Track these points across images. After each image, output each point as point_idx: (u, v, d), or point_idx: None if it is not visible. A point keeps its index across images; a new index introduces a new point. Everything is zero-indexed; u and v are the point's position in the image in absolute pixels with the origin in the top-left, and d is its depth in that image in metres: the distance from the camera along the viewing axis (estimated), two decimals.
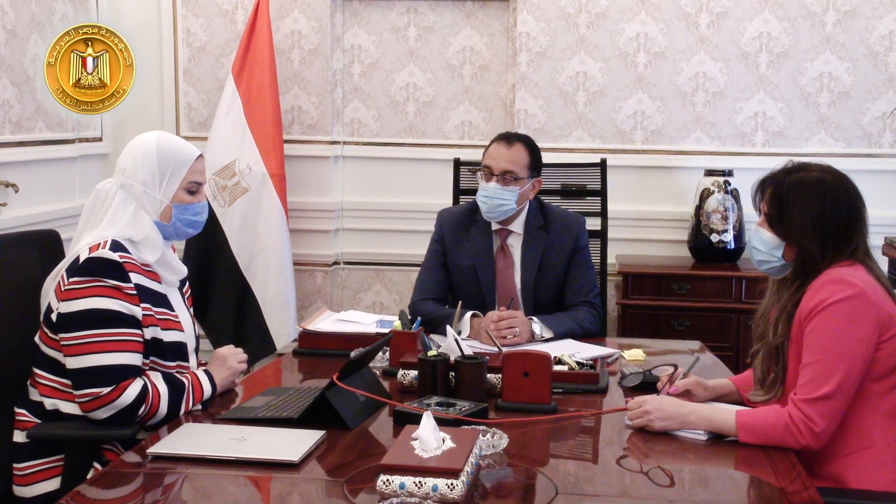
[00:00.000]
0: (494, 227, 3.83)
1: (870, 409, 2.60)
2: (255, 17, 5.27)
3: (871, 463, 2.57)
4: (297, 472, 2.37)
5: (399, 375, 3.06)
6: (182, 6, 5.58)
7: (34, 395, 2.88)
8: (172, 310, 2.94)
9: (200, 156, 3.01)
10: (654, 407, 2.67)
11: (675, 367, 2.95)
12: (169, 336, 2.89)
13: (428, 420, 2.27)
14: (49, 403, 2.84)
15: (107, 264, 2.77)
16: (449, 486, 2.13)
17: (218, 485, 2.34)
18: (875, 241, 4.54)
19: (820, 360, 2.55)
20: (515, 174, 3.72)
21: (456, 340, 2.96)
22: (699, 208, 5.12)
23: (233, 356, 3.08)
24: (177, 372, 2.89)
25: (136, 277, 2.81)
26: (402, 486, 2.14)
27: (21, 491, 2.84)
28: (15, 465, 2.86)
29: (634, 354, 3.43)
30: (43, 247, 3.19)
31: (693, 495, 2.38)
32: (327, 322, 3.68)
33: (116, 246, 2.80)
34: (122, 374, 2.73)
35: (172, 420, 2.78)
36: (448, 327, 3.10)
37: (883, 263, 4.49)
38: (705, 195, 5.11)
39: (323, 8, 5.47)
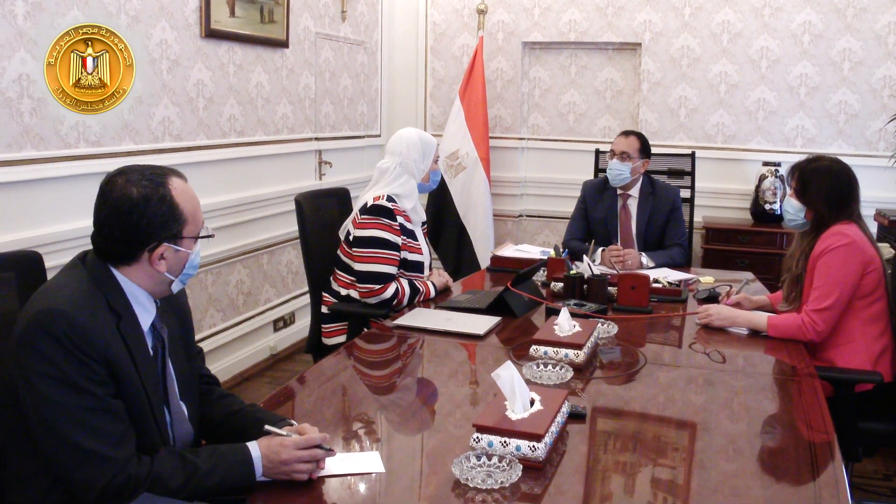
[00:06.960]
0: (619, 192, 3.72)
1: (854, 317, 2.53)
2: (474, 60, 5.26)
3: (852, 352, 2.52)
4: (482, 341, 2.43)
5: (551, 285, 3.06)
6: (430, 54, 5.62)
7: (334, 285, 3.03)
8: (416, 240, 3.01)
9: (437, 143, 3.09)
10: (714, 311, 2.64)
11: (731, 286, 2.95)
12: (412, 257, 2.97)
13: (564, 313, 2.27)
14: (343, 292, 2.99)
15: (384, 209, 2.87)
16: (575, 355, 2.13)
17: (434, 344, 2.44)
18: (870, 211, 4.36)
19: (824, 285, 2.50)
20: (629, 154, 3.61)
21: (588, 265, 2.94)
22: (758, 187, 4.87)
23: (443, 279, 3.10)
24: (416, 280, 2.96)
25: (399, 218, 2.90)
26: (545, 353, 2.16)
27: (326, 341, 3.03)
28: (322, 326, 3.05)
29: (707, 279, 3.31)
30: (339, 198, 3.34)
31: (737, 367, 2.33)
32: (509, 250, 3.69)
33: (389, 198, 2.89)
34: (385, 279, 2.84)
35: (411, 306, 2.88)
36: (584, 256, 3.06)
37: (875, 225, 4.36)
38: (762, 178, 4.85)
39: (516, 54, 5.41)
